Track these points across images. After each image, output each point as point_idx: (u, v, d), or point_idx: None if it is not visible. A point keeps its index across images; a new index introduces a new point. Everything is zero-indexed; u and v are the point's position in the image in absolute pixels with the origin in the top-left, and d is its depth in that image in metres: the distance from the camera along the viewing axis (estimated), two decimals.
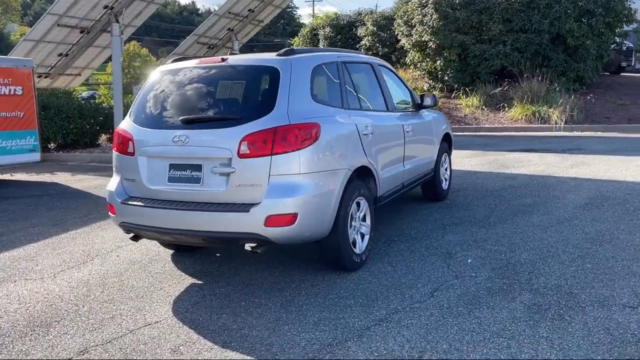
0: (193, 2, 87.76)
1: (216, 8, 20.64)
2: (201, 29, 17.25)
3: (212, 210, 3.66)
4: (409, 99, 5.81)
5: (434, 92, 16.63)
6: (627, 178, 7.30)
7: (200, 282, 4.19)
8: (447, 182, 6.68)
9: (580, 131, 13.16)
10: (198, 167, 3.79)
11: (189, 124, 3.85)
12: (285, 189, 3.59)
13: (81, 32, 12.19)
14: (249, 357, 3.02)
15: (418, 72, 18.24)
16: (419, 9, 16.97)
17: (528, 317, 3.32)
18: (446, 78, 16.99)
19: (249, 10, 17.56)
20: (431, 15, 16.38)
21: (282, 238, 3.65)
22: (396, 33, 18.52)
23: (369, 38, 20.87)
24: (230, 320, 3.48)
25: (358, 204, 4.24)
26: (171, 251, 4.92)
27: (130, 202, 4.01)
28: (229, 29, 17.75)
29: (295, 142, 3.61)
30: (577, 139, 11.87)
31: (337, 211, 3.89)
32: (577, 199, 6.27)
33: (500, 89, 15.50)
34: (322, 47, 24.01)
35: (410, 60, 18.12)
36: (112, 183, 4.24)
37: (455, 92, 16.60)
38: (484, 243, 4.78)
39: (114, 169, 4.31)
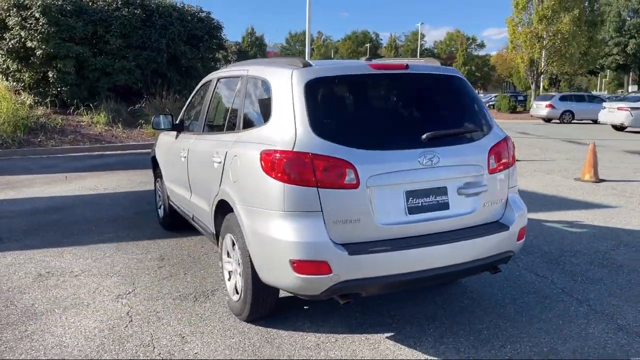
0: None
1: None
2: None
3: (478, 235, 3.23)
4: None
5: (42, 108, 14.43)
6: None
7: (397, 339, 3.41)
8: None
9: None
10: (443, 191, 3.21)
11: (433, 140, 3.16)
12: (518, 200, 3.58)
13: None
14: None
15: (12, 83, 15.16)
16: (15, 9, 14.23)
17: None
18: (56, 92, 14.93)
19: None
20: (37, 20, 14.07)
21: (518, 252, 3.61)
22: None
23: None
24: None
25: None
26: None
27: (370, 250, 2.90)
28: None
29: (514, 152, 3.65)
30: None
31: None
32: None
33: (139, 105, 15.04)
34: None
35: (0, 69, 14.90)
36: (306, 231, 2.86)
37: (74, 109, 14.83)
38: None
39: (298, 209, 2.87)
